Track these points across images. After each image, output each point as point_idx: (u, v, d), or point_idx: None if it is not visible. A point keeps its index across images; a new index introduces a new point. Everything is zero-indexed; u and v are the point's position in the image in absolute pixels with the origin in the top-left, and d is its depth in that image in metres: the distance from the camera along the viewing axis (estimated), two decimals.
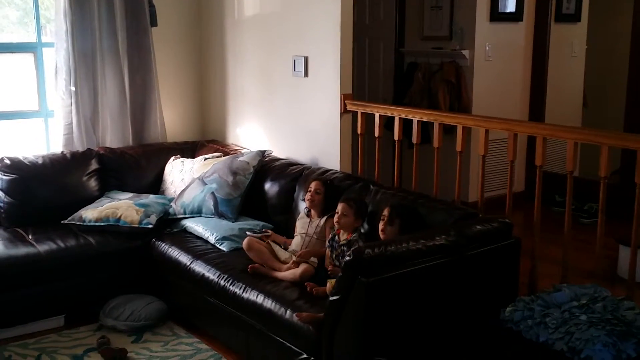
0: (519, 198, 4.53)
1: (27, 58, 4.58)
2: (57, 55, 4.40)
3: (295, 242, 3.49)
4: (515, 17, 5.21)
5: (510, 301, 2.78)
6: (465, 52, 4.99)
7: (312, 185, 3.53)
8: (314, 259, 3.28)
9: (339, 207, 3.22)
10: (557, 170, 4.82)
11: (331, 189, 3.53)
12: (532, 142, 4.91)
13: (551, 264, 3.54)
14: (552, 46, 5.47)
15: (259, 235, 3.54)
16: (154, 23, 4.67)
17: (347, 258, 2.56)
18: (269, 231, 3.59)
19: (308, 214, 3.55)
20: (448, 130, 3.98)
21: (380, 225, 3.05)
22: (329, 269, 3.19)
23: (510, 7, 5.17)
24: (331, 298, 2.63)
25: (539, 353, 2.49)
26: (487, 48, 5.06)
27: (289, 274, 3.22)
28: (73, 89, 4.43)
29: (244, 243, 3.44)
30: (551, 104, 5.52)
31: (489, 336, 2.65)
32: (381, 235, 3.04)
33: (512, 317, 2.68)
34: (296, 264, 3.24)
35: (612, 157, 2.98)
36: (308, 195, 3.51)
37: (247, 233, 3.57)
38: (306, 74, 4.11)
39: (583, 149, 3.16)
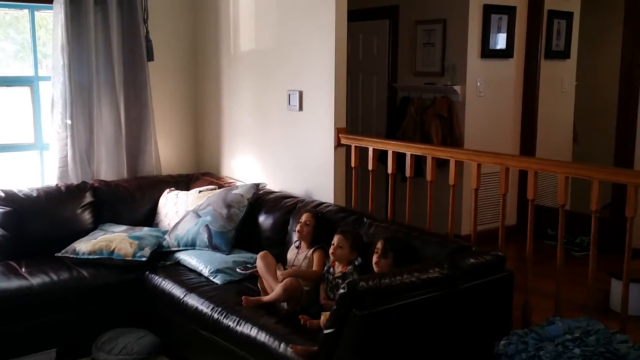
0: (511, 231, 4.56)
1: (24, 91, 4.62)
2: (54, 88, 4.44)
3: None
4: (506, 53, 5.32)
5: (503, 334, 2.79)
6: (457, 88, 5.07)
7: (303, 217, 3.56)
8: (304, 282, 3.27)
9: (335, 239, 3.25)
10: (548, 204, 4.87)
11: (321, 221, 3.56)
12: (523, 175, 4.97)
13: (544, 297, 3.55)
14: (542, 82, 5.57)
15: (249, 272, 3.56)
16: (150, 58, 4.74)
17: (342, 291, 2.57)
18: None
19: (299, 246, 3.57)
20: (441, 164, 4.03)
21: (374, 258, 3.07)
22: (323, 302, 3.20)
23: (501, 44, 5.27)
24: (325, 331, 2.64)
25: None
26: (479, 84, 5.15)
27: (273, 293, 3.24)
28: (69, 122, 4.46)
29: (261, 252, 3.51)
30: (542, 138, 5.60)
31: None
32: (375, 268, 3.05)
33: (506, 350, 2.69)
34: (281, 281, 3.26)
35: (603, 191, 3.02)
36: (298, 227, 3.54)
37: (238, 270, 3.59)
38: (300, 108, 4.16)
39: (574, 183, 3.20)
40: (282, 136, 4.36)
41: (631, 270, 2.93)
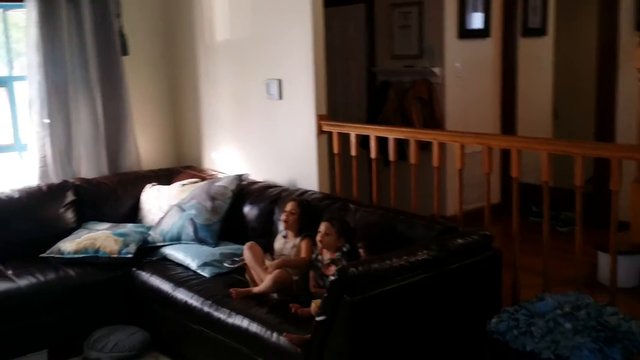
0: (495, 210, 4.56)
1: None
2: (30, 88, 4.38)
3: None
4: (483, 33, 5.33)
5: (494, 312, 2.80)
6: (436, 70, 5.07)
7: (288, 206, 3.55)
8: (292, 271, 3.27)
9: (322, 226, 3.24)
10: (531, 181, 4.90)
11: (307, 209, 3.55)
12: (505, 154, 5.00)
13: (531, 274, 3.58)
14: (520, 60, 5.60)
15: (237, 265, 3.55)
16: (125, 52, 4.68)
17: (332, 277, 2.57)
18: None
19: (285, 236, 3.56)
20: (423, 146, 4.02)
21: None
22: (312, 289, 3.19)
23: (478, 23, 5.28)
24: (317, 318, 2.63)
25: None
26: (457, 65, 5.16)
27: (262, 285, 3.24)
28: (47, 121, 4.40)
29: (248, 243, 3.49)
30: (522, 116, 5.63)
31: (477, 348, 2.67)
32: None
33: (498, 328, 2.70)
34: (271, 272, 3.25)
35: (585, 165, 3.04)
36: (283, 216, 3.53)
37: (226, 265, 3.57)
38: (280, 97, 4.14)
39: (555, 159, 3.22)
40: (262, 126, 4.33)
41: (617, 243, 2.96)
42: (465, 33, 5.17)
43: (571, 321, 2.58)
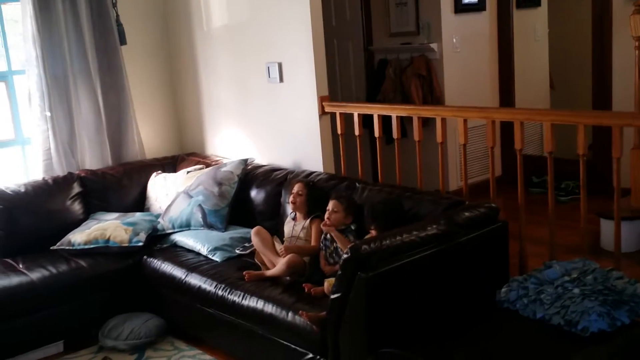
0: (497, 182, 4.64)
1: None
2: (29, 81, 4.38)
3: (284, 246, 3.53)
4: (479, 7, 5.34)
5: (503, 282, 2.86)
6: (434, 45, 5.09)
7: (295, 188, 3.58)
8: (305, 258, 3.33)
9: (330, 204, 3.29)
10: (530, 152, 4.95)
11: (314, 190, 3.58)
12: (505, 127, 5.03)
13: (536, 244, 3.64)
14: (516, 32, 5.62)
15: (249, 251, 3.60)
16: (123, 41, 4.68)
17: (345, 255, 2.62)
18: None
19: (294, 217, 3.60)
20: (424, 123, 4.06)
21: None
22: (325, 269, 3.25)
23: None
24: (332, 296, 2.69)
25: (537, 329, 2.57)
26: (454, 40, 5.18)
27: (276, 268, 3.28)
28: (48, 114, 4.41)
29: (254, 228, 3.54)
30: (520, 88, 5.67)
31: (488, 317, 2.73)
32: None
33: (508, 297, 2.76)
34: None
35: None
36: (291, 198, 3.57)
37: (237, 251, 3.63)
38: (281, 80, 4.16)
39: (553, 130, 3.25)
40: (265, 109, 4.36)
41: (619, 209, 3.01)
42: (461, 7, 5.19)
43: (579, 286, 2.64)
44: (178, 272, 3.65)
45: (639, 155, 3.88)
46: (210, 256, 3.71)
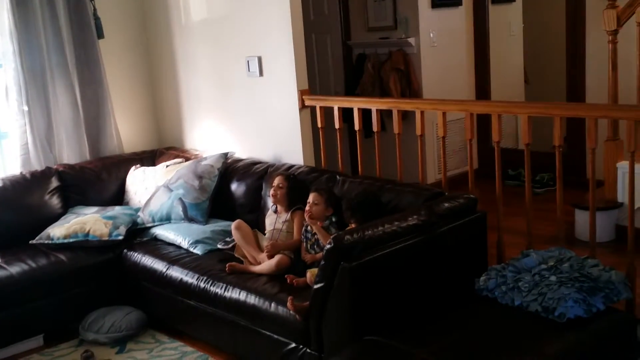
0: (475, 175, 4.72)
1: None
2: (6, 75, 4.34)
3: (266, 239, 3.56)
4: (455, 2, 5.41)
5: (482, 271, 2.92)
6: (411, 40, 5.15)
7: (275, 181, 3.61)
8: (288, 252, 3.36)
9: (310, 196, 3.32)
10: (506, 145, 5.02)
11: (294, 183, 3.61)
12: (481, 120, 5.11)
13: (512, 234, 3.71)
14: (492, 27, 5.70)
15: (231, 245, 3.62)
16: (100, 35, 4.65)
17: (328, 246, 2.65)
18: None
19: (276, 210, 3.63)
20: (402, 117, 4.11)
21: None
22: (306, 259, 3.28)
23: None
24: (315, 286, 2.72)
25: (516, 315, 2.64)
26: (432, 34, 5.24)
27: (265, 266, 3.30)
28: (25, 108, 4.37)
29: (234, 223, 3.55)
30: (495, 82, 5.75)
31: (468, 304, 2.79)
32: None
33: (487, 285, 2.82)
34: (269, 257, 3.32)
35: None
36: (272, 191, 3.59)
37: (219, 246, 3.64)
38: (261, 74, 4.17)
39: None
40: (245, 103, 4.37)
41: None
42: (438, 3, 5.25)
43: (555, 274, 2.71)
44: (159, 265, 3.66)
45: (612, 147, 3.98)
46: (191, 249, 3.72)
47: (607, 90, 3.98)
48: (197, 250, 3.69)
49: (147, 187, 4.36)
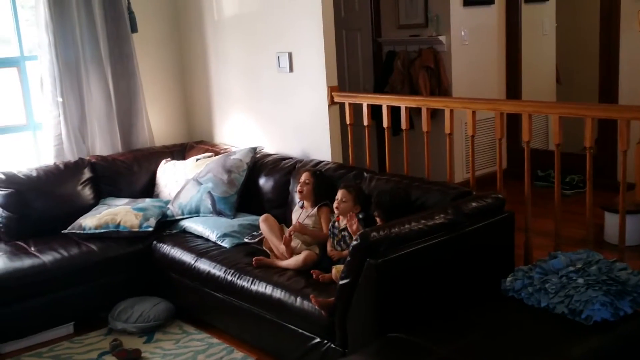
0: (503, 175, 4.69)
1: (11, 73, 4.59)
2: (42, 67, 4.43)
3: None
4: (487, 0, 5.37)
5: (508, 272, 2.91)
6: (442, 38, 5.13)
7: (302, 177, 3.63)
8: (315, 247, 3.38)
9: (339, 193, 3.34)
10: (535, 146, 4.99)
11: (321, 179, 3.63)
12: (511, 120, 5.07)
13: (541, 236, 3.69)
14: (524, 26, 5.65)
15: (258, 239, 3.65)
16: (134, 29, 4.72)
17: (355, 242, 2.67)
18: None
19: (302, 206, 3.65)
20: (431, 115, 4.10)
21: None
22: (332, 255, 3.30)
23: None
24: (341, 282, 2.74)
25: (541, 317, 2.62)
26: (463, 33, 5.21)
27: (292, 261, 3.32)
28: (60, 100, 4.46)
29: (262, 216, 3.61)
30: (526, 82, 5.70)
31: (493, 305, 2.78)
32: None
33: (513, 286, 2.81)
34: (287, 239, 3.36)
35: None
36: (298, 187, 3.62)
37: (246, 240, 3.67)
38: (291, 70, 4.20)
39: None
40: (274, 99, 4.40)
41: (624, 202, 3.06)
42: (470, 0, 5.23)
43: (583, 276, 2.69)
44: (187, 257, 3.71)
45: None
46: (219, 242, 3.76)
47: None
48: (225, 244, 3.73)
49: (177, 180, 4.42)
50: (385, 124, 3.83)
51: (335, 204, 3.35)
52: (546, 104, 3.30)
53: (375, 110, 4.01)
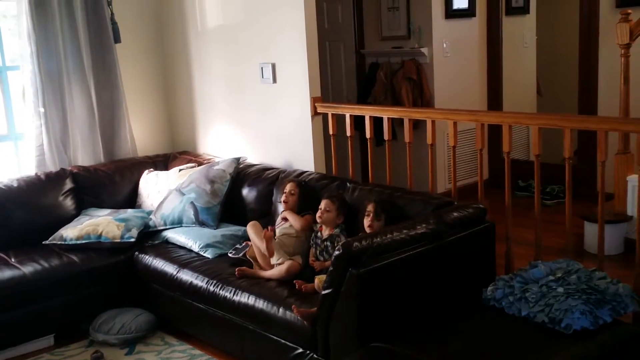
0: (484, 185, 4.73)
1: None
2: (24, 77, 4.41)
3: (277, 244, 3.57)
4: (469, 13, 5.44)
5: (489, 281, 2.93)
6: (424, 50, 5.18)
7: (287, 187, 3.64)
8: (298, 257, 3.38)
9: (322, 203, 3.35)
10: (516, 157, 5.05)
11: (305, 189, 3.65)
12: (492, 131, 5.13)
13: (522, 245, 3.73)
14: (505, 39, 5.73)
15: (242, 253, 3.63)
16: (117, 40, 4.71)
17: (337, 252, 2.68)
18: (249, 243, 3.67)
19: (284, 218, 3.65)
20: (413, 126, 4.13)
21: (367, 221, 3.17)
22: (315, 265, 3.30)
23: (463, 3, 5.40)
24: (323, 292, 2.75)
25: (522, 326, 2.64)
26: (445, 45, 5.27)
27: (275, 271, 3.32)
28: (42, 110, 4.44)
29: (250, 223, 3.58)
30: (507, 93, 5.78)
31: (475, 314, 2.80)
32: (368, 230, 3.14)
33: (494, 295, 2.83)
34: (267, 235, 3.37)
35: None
36: (283, 197, 3.63)
37: (230, 255, 3.63)
38: (274, 80, 4.22)
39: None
40: (258, 109, 4.41)
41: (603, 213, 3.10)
42: (452, 13, 5.29)
43: (563, 285, 2.72)
44: (169, 268, 3.69)
45: (623, 160, 3.99)
46: (202, 253, 3.75)
47: (619, 104, 3.98)
48: (208, 254, 3.72)
49: (159, 190, 4.40)
50: (367, 134, 3.86)
51: (318, 214, 3.36)
52: (526, 115, 3.34)
53: (358, 121, 4.03)
